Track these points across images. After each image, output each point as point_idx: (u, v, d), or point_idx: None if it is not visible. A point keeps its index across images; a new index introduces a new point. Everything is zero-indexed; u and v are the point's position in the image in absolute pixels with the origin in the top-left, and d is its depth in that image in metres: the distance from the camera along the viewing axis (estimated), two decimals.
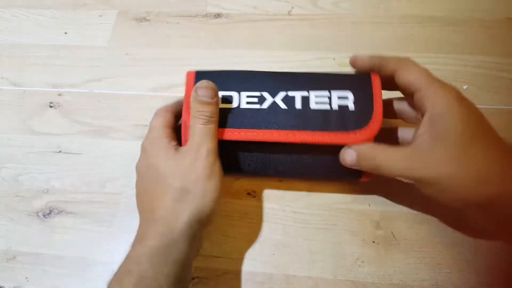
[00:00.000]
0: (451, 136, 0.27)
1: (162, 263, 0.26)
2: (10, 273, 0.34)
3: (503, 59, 0.43)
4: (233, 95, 0.31)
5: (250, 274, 0.33)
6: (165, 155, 0.30)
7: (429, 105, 0.28)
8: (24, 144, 0.41)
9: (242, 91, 0.31)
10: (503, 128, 0.39)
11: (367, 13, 0.48)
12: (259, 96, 0.31)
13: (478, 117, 0.28)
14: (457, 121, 0.27)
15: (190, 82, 0.32)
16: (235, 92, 0.31)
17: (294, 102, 0.30)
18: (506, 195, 0.26)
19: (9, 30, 0.50)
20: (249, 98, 0.31)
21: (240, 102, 0.31)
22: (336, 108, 0.30)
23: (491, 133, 0.28)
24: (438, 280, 0.32)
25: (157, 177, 0.29)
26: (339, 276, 0.32)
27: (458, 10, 0.47)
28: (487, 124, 0.28)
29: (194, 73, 0.33)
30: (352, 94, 0.31)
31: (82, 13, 0.51)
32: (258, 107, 0.31)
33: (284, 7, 0.49)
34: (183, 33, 0.48)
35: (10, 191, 0.39)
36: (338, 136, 0.30)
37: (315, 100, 0.30)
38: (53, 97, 0.44)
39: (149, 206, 0.29)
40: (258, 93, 0.31)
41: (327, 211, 0.35)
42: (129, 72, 0.46)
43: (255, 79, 0.32)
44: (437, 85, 0.28)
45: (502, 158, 0.27)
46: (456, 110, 0.27)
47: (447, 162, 0.27)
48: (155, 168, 0.30)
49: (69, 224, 0.36)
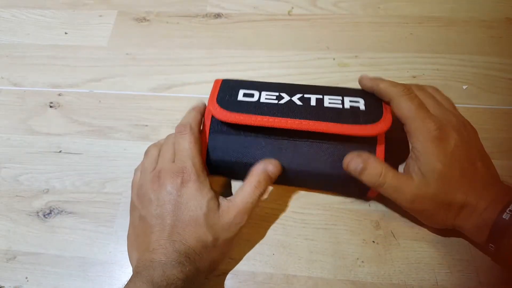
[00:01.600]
0: (428, 176, 0.29)
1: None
2: (10, 273, 0.34)
3: (503, 59, 0.43)
4: (254, 93, 0.34)
5: (250, 274, 0.33)
6: (209, 216, 0.30)
7: (412, 141, 0.31)
8: (24, 144, 0.41)
9: (263, 91, 0.34)
10: (503, 128, 0.39)
11: (367, 13, 0.48)
12: (277, 95, 0.33)
13: (458, 158, 0.29)
14: (433, 162, 0.29)
15: (216, 88, 0.35)
16: (256, 91, 0.34)
17: (309, 101, 0.32)
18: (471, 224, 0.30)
19: (9, 30, 0.50)
20: (268, 96, 0.33)
21: (260, 98, 0.33)
22: (348, 107, 0.32)
23: (471, 172, 0.30)
24: (438, 280, 0.32)
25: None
26: (339, 276, 0.32)
27: (458, 10, 0.47)
28: (470, 161, 0.30)
29: (220, 81, 0.35)
30: (363, 100, 0.33)
31: (82, 13, 0.51)
32: (276, 102, 0.33)
33: (284, 7, 0.50)
34: (183, 33, 0.48)
35: (10, 191, 0.39)
36: (350, 127, 0.31)
37: (328, 101, 0.32)
38: (53, 97, 0.44)
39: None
40: (277, 93, 0.33)
41: (327, 211, 0.35)
42: (129, 72, 0.46)
43: (275, 85, 0.35)
44: (419, 123, 0.30)
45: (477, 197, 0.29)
46: (431, 151, 0.29)
47: (425, 198, 0.30)
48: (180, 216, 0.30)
49: (69, 224, 0.36)
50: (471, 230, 0.30)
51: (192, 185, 0.30)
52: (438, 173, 0.29)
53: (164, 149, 0.33)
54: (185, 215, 0.29)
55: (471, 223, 0.29)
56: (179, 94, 0.44)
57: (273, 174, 0.32)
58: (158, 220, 0.29)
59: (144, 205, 0.31)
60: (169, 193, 0.30)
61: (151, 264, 0.27)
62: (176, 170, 0.31)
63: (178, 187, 0.30)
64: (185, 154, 0.31)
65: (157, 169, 0.32)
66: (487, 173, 0.30)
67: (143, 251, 0.29)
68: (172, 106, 0.43)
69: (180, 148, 0.32)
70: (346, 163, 0.31)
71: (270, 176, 0.31)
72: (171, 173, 0.30)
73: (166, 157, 0.32)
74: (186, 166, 0.31)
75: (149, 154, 0.34)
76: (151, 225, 0.29)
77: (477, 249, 0.33)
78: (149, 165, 0.33)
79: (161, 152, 0.33)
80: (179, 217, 0.29)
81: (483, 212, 0.28)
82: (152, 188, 0.31)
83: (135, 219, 0.32)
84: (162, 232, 0.29)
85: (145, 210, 0.30)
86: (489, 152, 0.31)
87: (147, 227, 0.30)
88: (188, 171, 0.30)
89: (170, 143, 0.33)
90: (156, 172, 0.31)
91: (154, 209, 0.30)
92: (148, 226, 0.30)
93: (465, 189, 0.29)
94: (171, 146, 0.33)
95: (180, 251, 0.28)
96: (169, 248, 0.28)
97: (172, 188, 0.30)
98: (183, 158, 0.31)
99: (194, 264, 0.28)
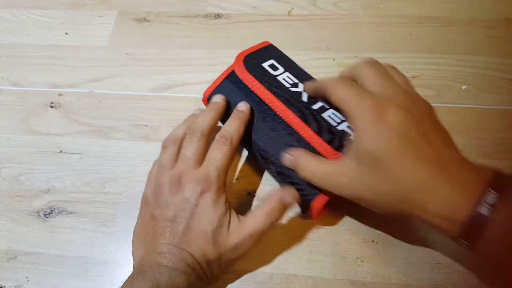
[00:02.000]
0: (361, 159, 0.27)
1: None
2: (11, 273, 0.34)
3: (503, 60, 0.43)
4: (279, 68, 0.36)
5: (250, 274, 0.33)
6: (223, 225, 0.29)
7: (350, 123, 0.28)
8: (25, 144, 0.41)
9: (288, 71, 0.36)
10: (503, 128, 0.39)
11: (367, 13, 0.48)
12: (294, 82, 0.35)
13: (403, 137, 0.25)
14: (366, 142, 0.26)
15: (257, 47, 0.38)
16: (282, 68, 0.36)
17: (313, 104, 0.33)
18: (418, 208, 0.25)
19: (9, 30, 0.50)
20: (288, 78, 0.35)
21: (280, 75, 0.35)
22: (341, 130, 0.31)
23: (425, 152, 0.25)
24: (438, 279, 0.32)
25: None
26: (338, 275, 0.33)
27: (458, 10, 0.47)
28: (424, 141, 0.25)
29: (268, 44, 0.39)
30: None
31: (82, 13, 0.51)
32: (288, 86, 0.34)
33: (284, 7, 0.50)
34: (183, 33, 0.48)
35: (10, 191, 0.39)
36: (328, 150, 0.30)
37: (329, 114, 0.32)
38: (53, 97, 0.44)
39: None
40: (297, 80, 0.35)
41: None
42: (129, 72, 0.46)
43: (302, 73, 0.36)
44: (355, 103, 0.27)
45: (424, 176, 0.25)
46: (364, 130, 0.26)
47: (357, 184, 0.27)
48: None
49: (69, 224, 0.36)
50: (434, 220, 0.25)
51: (211, 196, 0.29)
52: (371, 154, 0.26)
53: (187, 149, 0.32)
54: (196, 227, 0.29)
55: (433, 213, 0.25)
56: (179, 94, 0.44)
57: (289, 205, 0.31)
58: (170, 224, 0.29)
59: (158, 205, 0.30)
60: (187, 201, 0.29)
61: (158, 267, 0.27)
62: (199, 178, 0.30)
63: (197, 196, 0.29)
64: (215, 164, 0.31)
65: (177, 170, 0.31)
66: (450, 155, 0.26)
67: (150, 251, 0.29)
68: (172, 106, 0.43)
69: (213, 156, 0.31)
70: (282, 159, 0.32)
71: (285, 206, 0.31)
72: (193, 180, 0.30)
73: (189, 159, 0.31)
74: (211, 176, 0.30)
75: (167, 149, 0.33)
76: (162, 227, 0.29)
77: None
78: (168, 162, 0.32)
79: (183, 151, 0.32)
80: (190, 227, 0.29)
81: (450, 201, 0.24)
82: (171, 190, 0.30)
83: (146, 215, 0.31)
84: (172, 237, 0.28)
85: (159, 210, 0.30)
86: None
87: (158, 229, 0.29)
88: (210, 181, 0.30)
89: (194, 142, 0.32)
90: (177, 175, 0.30)
91: (168, 212, 0.29)
92: (159, 227, 0.29)
93: (414, 171, 0.25)
94: (196, 146, 0.32)
95: (187, 261, 0.28)
96: (177, 255, 0.28)
97: (190, 196, 0.29)
98: (211, 167, 0.30)
99: (198, 276, 0.28)
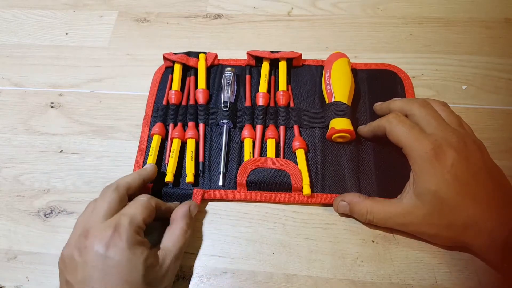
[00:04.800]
0: (422, 197, 0.30)
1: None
2: (11, 273, 0.34)
3: (503, 59, 0.43)
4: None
5: (250, 274, 0.33)
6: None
7: (411, 163, 0.31)
8: (25, 144, 0.41)
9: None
10: (502, 128, 0.39)
11: (366, 14, 0.48)
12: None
13: (456, 176, 0.29)
14: (426, 182, 0.29)
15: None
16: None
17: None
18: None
19: (10, 31, 0.50)
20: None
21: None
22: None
23: (474, 190, 0.29)
24: (438, 279, 0.32)
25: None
26: (338, 275, 0.33)
27: (457, 10, 0.47)
28: (473, 179, 0.29)
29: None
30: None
31: (82, 14, 0.51)
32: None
33: (284, 8, 0.50)
34: (183, 34, 0.48)
35: (11, 191, 0.39)
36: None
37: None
38: (54, 97, 0.44)
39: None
40: None
41: (326, 211, 0.36)
42: (129, 73, 0.46)
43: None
44: (414, 144, 0.30)
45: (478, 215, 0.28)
46: (426, 172, 0.29)
47: (418, 220, 0.30)
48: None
49: (70, 224, 0.36)
50: (481, 250, 0.29)
51: (124, 245, 0.27)
52: (432, 194, 0.29)
53: (99, 204, 0.30)
54: (118, 280, 0.26)
55: (480, 243, 0.29)
56: None
57: (194, 214, 0.33)
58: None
59: (68, 269, 0.27)
60: (96, 256, 0.26)
61: None
62: (107, 228, 0.27)
63: (106, 249, 0.26)
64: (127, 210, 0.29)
65: (85, 227, 0.28)
66: (496, 190, 0.29)
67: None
68: None
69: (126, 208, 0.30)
70: (336, 207, 0.34)
71: (192, 217, 0.33)
72: (100, 231, 0.27)
73: (99, 212, 0.29)
74: (121, 223, 0.27)
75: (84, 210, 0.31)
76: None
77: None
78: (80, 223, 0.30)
79: (95, 207, 0.30)
80: (109, 283, 0.26)
81: (491, 232, 0.28)
82: (78, 249, 0.27)
83: (62, 284, 0.28)
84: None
85: (70, 275, 0.27)
86: (489, 152, 0.31)
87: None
88: (121, 229, 0.27)
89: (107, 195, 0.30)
90: (84, 230, 0.28)
91: (79, 275, 0.26)
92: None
93: (467, 208, 0.28)
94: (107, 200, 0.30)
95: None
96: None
97: (100, 249, 0.26)
98: (122, 212, 0.29)
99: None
